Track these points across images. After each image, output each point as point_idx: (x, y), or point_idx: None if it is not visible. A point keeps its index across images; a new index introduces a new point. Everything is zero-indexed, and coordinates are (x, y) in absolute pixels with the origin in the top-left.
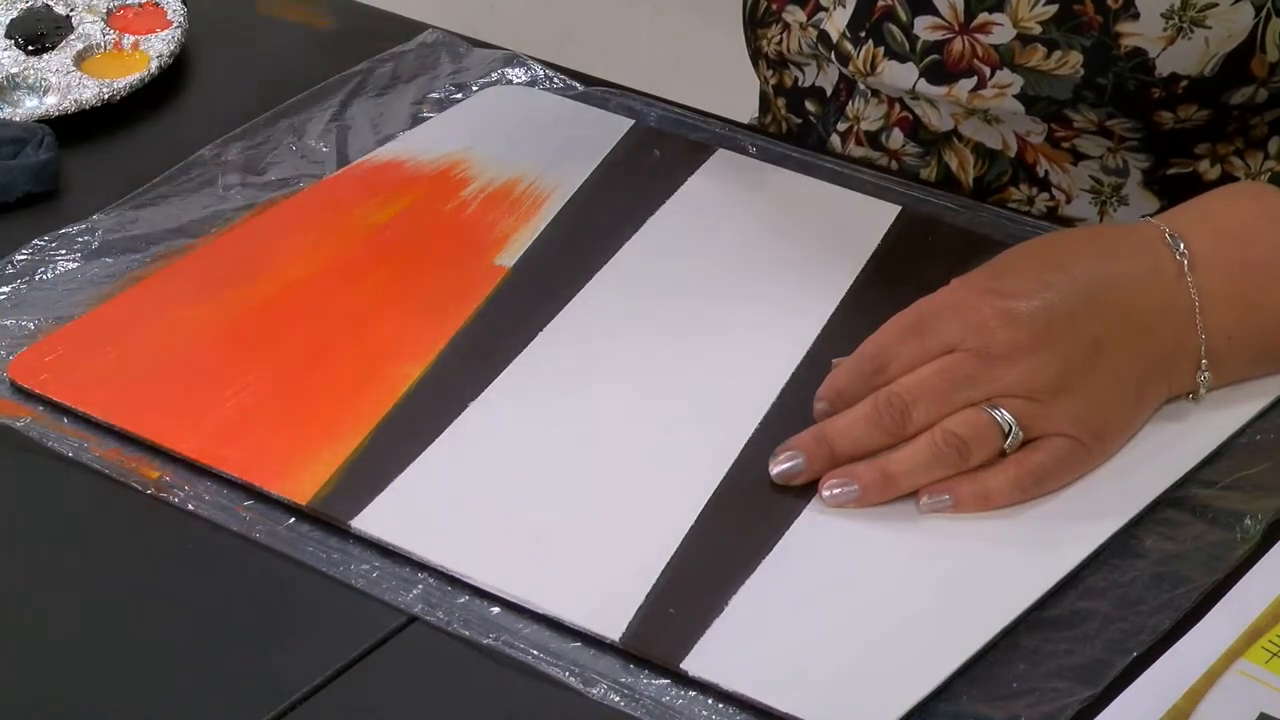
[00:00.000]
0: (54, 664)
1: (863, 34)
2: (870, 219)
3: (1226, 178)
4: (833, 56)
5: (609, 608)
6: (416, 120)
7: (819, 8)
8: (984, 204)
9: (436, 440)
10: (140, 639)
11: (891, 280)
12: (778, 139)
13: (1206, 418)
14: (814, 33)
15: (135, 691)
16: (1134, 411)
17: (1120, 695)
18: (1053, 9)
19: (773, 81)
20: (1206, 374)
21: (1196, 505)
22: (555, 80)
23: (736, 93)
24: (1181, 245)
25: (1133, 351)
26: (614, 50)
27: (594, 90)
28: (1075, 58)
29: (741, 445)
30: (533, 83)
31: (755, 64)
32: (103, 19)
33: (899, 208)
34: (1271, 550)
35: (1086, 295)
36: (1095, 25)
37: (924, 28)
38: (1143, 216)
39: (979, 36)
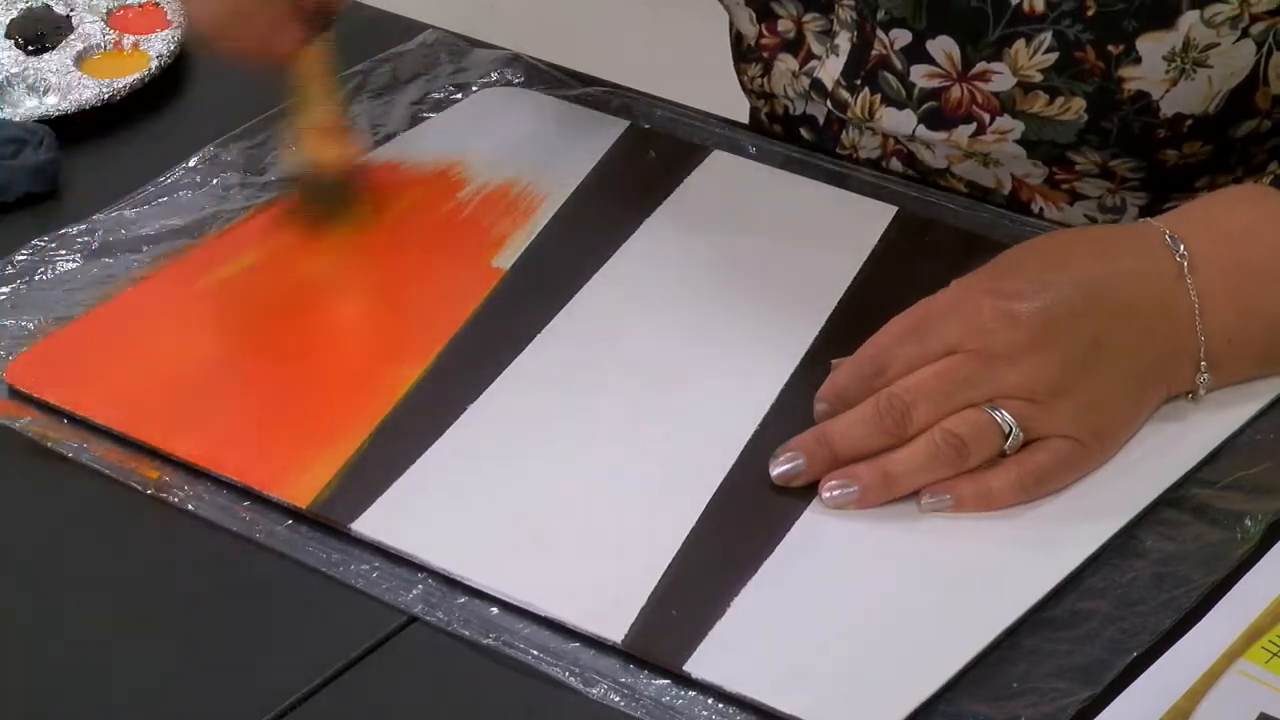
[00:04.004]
0: (53, 664)
1: (858, 82)
2: (868, 219)
3: None
4: (828, 104)
5: (611, 609)
6: (416, 120)
7: (811, 55)
8: (983, 204)
9: (436, 442)
10: (140, 639)
11: (890, 281)
12: (776, 139)
13: (1206, 418)
14: (807, 80)
15: (135, 692)
16: (1134, 411)
17: (1120, 695)
18: (1053, 57)
19: (765, 111)
20: (1206, 375)
21: (1196, 505)
22: (554, 80)
23: (736, 93)
24: (1181, 247)
25: (1133, 352)
26: (614, 50)
27: (593, 90)
28: (1078, 103)
29: (741, 446)
30: (532, 83)
31: (745, 92)
32: (103, 19)
33: (896, 208)
34: (1271, 550)
35: (1086, 295)
36: (1097, 71)
37: (920, 76)
38: (1142, 218)
39: (978, 84)
